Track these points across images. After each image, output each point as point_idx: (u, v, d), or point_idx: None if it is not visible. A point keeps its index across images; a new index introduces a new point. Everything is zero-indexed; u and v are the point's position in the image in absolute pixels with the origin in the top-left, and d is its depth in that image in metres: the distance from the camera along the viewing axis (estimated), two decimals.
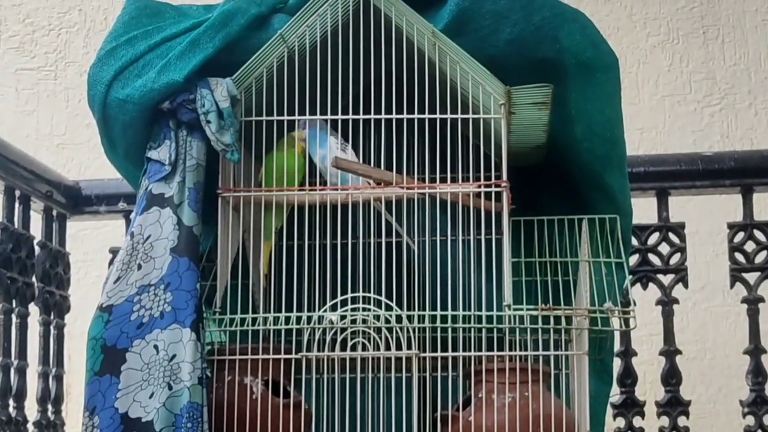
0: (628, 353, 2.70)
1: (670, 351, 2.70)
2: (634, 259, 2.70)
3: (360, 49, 1.90)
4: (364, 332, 1.84)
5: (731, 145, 3.72)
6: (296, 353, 1.86)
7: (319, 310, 1.86)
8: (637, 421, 2.68)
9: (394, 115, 1.91)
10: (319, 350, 1.85)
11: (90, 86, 1.94)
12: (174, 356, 1.80)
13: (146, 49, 1.92)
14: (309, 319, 1.86)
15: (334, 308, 1.85)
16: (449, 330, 1.86)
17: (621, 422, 2.67)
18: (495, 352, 1.86)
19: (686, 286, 2.74)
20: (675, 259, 2.73)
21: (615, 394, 2.64)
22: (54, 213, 2.76)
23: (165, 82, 1.88)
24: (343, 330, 1.85)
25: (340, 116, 1.92)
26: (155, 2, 1.99)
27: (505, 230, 1.87)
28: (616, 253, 1.96)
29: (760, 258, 2.67)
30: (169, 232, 1.86)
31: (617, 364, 2.63)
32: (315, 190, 1.93)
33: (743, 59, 3.82)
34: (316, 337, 1.85)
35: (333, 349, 1.85)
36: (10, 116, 3.92)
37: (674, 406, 2.68)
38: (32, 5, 4.00)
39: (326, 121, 1.94)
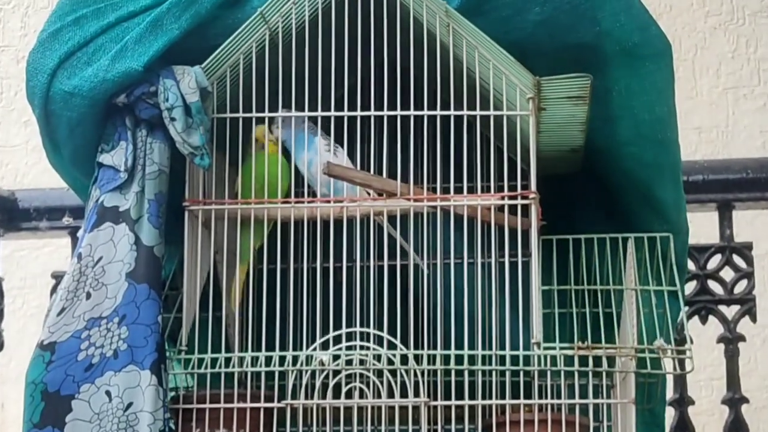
0: (683, 401, 2.71)
1: (734, 399, 2.71)
2: (690, 287, 2.71)
3: (357, 31, 1.89)
4: (361, 375, 1.83)
5: None
6: (279, 401, 1.85)
7: (308, 348, 1.86)
8: None
9: (398, 112, 1.90)
10: (307, 397, 1.84)
11: (29, 76, 1.93)
12: (130, 404, 1.79)
13: (98, 30, 1.92)
14: (295, 359, 1.84)
15: (325, 346, 1.85)
16: (465, 373, 1.84)
17: None
18: (522, 400, 1.85)
19: (754, 319, 2.74)
20: (740, 287, 2.74)
21: None
22: None
23: (121, 71, 1.87)
24: (336, 373, 1.83)
25: (333, 113, 1.91)
26: None
27: (533, 251, 1.87)
28: (668, 279, 1.95)
29: None
30: (124, 253, 1.85)
31: (670, 414, 2.62)
32: (302, 202, 1.92)
33: None
34: (304, 382, 1.84)
35: (324, 396, 1.83)
36: None
37: None
38: None
39: (312, 118, 1.93)
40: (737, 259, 2.74)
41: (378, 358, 1.83)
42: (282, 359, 1.84)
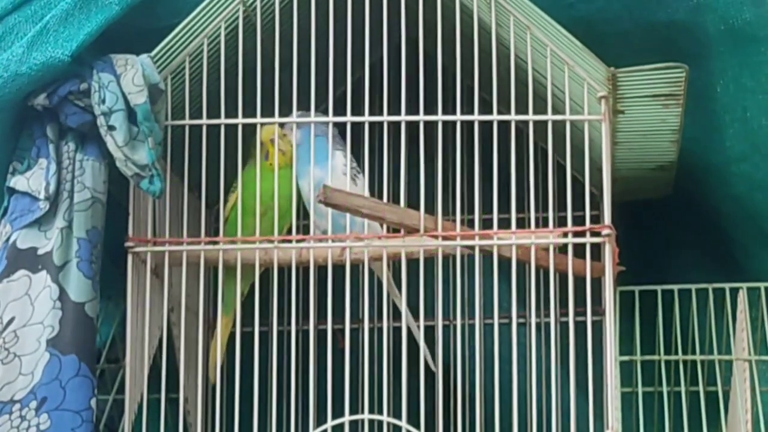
0: None
1: None
2: None
3: (365, 7, 1.87)
4: None
5: None
6: None
7: None
8: None
9: (421, 116, 1.86)
10: None
11: None
12: None
13: (8, 6, 1.90)
14: None
15: None
16: None
17: None
18: None
19: None
20: None
21: None
22: None
23: (40, 62, 1.83)
24: None
25: (330, 118, 1.89)
26: None
27: (608, 308, 1.82)
28: None
29: None
30: (45, 313, 1.81)
31: None
32: (289, 241, 1.88)
33: None
34: None
35: None
36: None
37: None
38: None
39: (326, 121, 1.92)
40: None
41: None
42: None
